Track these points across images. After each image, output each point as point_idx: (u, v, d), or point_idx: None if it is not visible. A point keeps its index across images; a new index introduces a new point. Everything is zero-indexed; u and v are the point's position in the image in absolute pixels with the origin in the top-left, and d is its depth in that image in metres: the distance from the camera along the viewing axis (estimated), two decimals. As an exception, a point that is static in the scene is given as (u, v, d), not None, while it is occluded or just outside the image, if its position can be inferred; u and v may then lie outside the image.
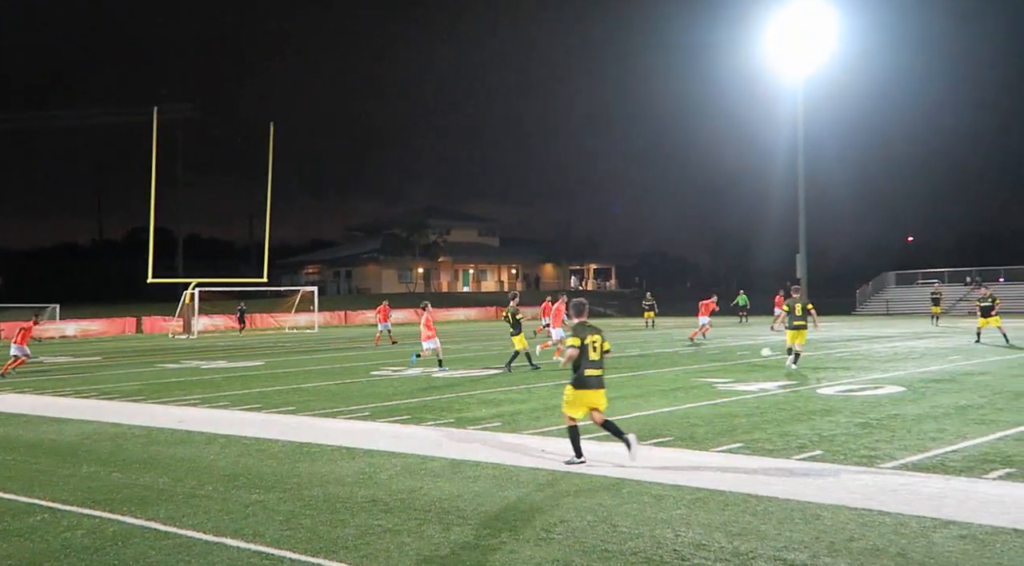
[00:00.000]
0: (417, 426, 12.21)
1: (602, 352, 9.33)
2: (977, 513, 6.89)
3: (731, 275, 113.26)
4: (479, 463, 9.38)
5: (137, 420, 13.55)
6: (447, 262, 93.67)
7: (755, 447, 9.91)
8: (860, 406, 13.03)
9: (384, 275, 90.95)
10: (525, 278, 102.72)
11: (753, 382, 16.70)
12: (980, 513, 6.88)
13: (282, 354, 30.25)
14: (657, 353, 25.84)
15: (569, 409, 9.33)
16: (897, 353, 23.39)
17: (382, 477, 8.82)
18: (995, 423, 11.20)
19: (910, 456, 9.17)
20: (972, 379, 16.40)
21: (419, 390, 16.83)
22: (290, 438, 11.40)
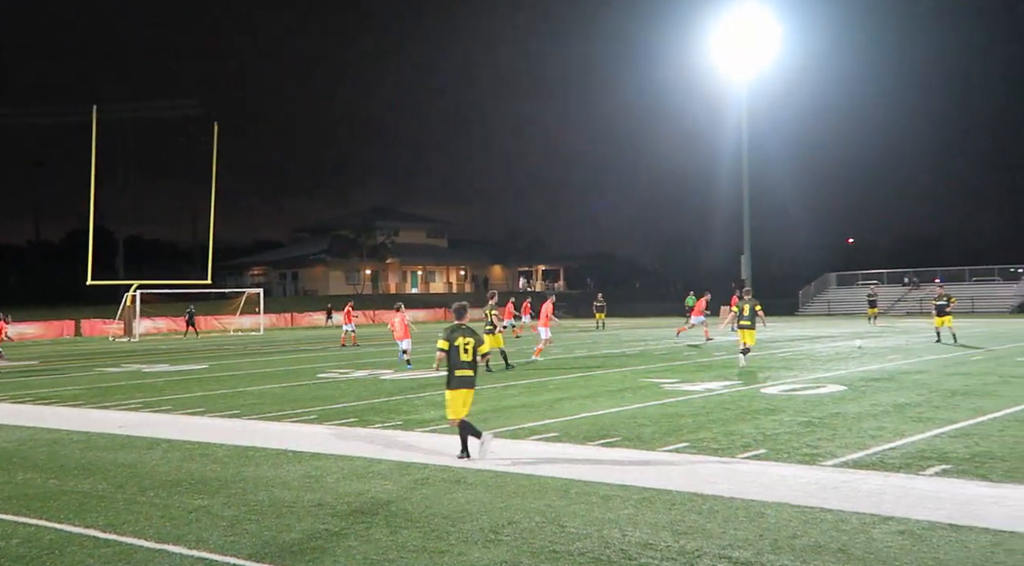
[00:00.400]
0: (364, 428, 12.11)
1: (475, 354, 9.60)
2: (914, 509, 7.06)
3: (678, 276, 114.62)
4: (427, 465, 9.34)
5: (75, 425, 13.21)
6: (395, 264, 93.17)
7: (701, 446, 10.03)
8: (803, 405, 13.27)
9: (331, 277, 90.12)
10: (474, 279, 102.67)
11: (699, 382, 16.91)
12: (917, 509, 7.06)
13: (227, 357, 29.78)
14: (605, 354, 26.02)
15: (452, 414, 9.65)
16: (838, 353, 23.89)
17: (329, 480, 8.73)
18: (931, 421, 11.50)
19: (851, 454, 9.36)
20: (910, 378, 16.81)
21: (367, 393, 16.70)
22: (235, 442, 11.22)
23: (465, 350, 9.58)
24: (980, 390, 14.60)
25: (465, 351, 9.58)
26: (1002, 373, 17.29)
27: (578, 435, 11.02)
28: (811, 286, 71.29)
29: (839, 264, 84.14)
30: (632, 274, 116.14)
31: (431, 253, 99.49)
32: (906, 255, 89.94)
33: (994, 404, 12.91)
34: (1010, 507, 7.05)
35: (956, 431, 10.65)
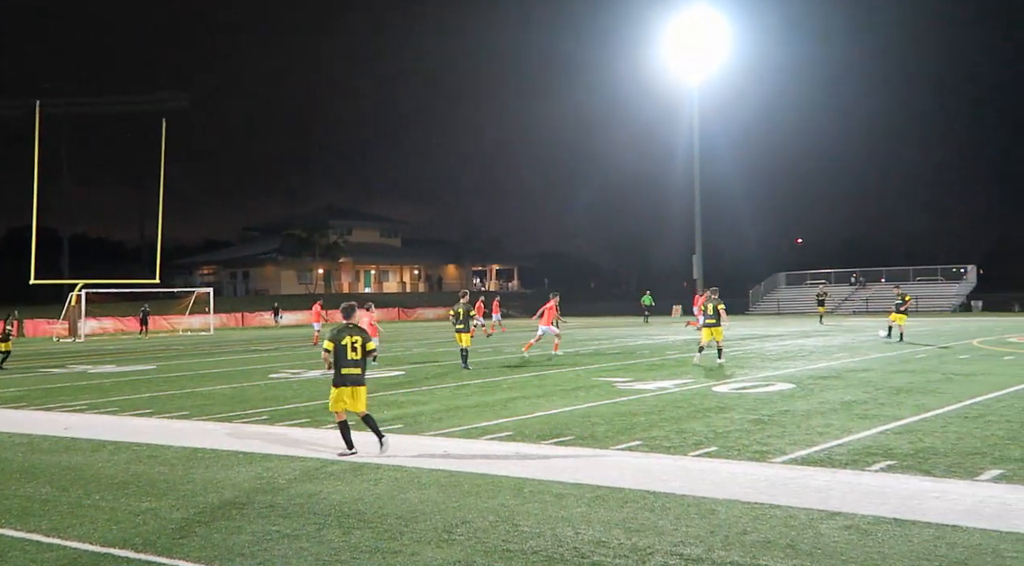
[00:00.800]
0: (317, 429, 12.00)
1: (364, 352, 9.86)
2: (860, 504, 7.20)
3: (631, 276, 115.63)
4: (380, 466, 9.29)
5: (18, 428, 12.89)
6: (348, 263, 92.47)
7: (653, 444, 10.12)
8: (753, 403, 13.46)
9: (283, 276, 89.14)
10: (428, 279, 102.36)
11: (652, 381, 17.06)
12: (863, 504, 7.20)
13: (176, 357, 29.30)
14: (559, 353, 26.09)
15: (333, 406, 9.97)
16: (787, 351, 24.27)
17: (280, 482, 8.64)
18: (877, 417, 11.75)
19: (799, 451, 9.52)
20: (856, 376, 17.15)
21: (319, 393, 16.54)
22: (184, 443, 11.05)
23: (353, 349, 9.84)
24: (924, 387, 14.95)
25: (353, 349, 9.84)
26: (945, 371, 17.72)
27: (532, 434, 11.04)
28: (761, 286, 72.41)
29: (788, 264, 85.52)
30: (587, 273, 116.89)
31: (385, 252, 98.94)
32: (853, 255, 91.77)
33: (937, 401, 13.23)
34: (951, 501, 7.23)
35: (901, 428, 10.89)
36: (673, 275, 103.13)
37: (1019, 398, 13.37)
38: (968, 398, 13.47)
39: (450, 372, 20.26)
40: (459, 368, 21.11)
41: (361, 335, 9.91)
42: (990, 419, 11.39)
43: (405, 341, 36.24)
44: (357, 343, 9.85)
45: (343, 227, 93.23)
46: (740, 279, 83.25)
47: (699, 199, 66.31)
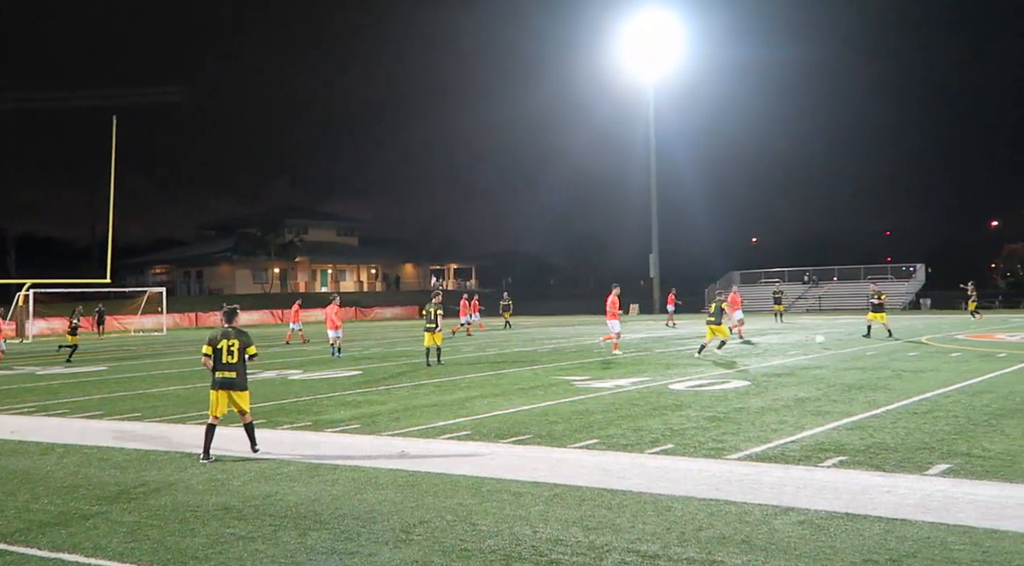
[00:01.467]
0: (272, 430, 11.88)
1: (241, 356, 9.83)
2: (814, 499, 7.32)
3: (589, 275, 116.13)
4: (337, 466, 9.22)
5: (-37, 431, 12.56)
6: (304, 262, 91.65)
7: (610, 442, 10.18)
8: (709, 401, 13.61)
9: (238, 275, 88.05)
10: (385, 278, 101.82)
11: (609, 379, 17.16)
12: (816, 499, 7.32)
13: (127, 358, 28.80)
14: (517, 352, 26.15)
15: (210, 409, 9.95)
16: (742, 349, 24.55)
17: (235, 483, 8.54)
18: (829, 414, 11.94)
19: (754, 447, 9.65)
20: (809, 373, 17.42)
21: (275, 393, 16.38)
22: (136, 446, 10.86)
23: (229, 352, 9.83)
24: (874, 384, 15.23)
25: (229, 353, 9.84)
26: (894, 368, 18.07)
27: (490, 433, 11.04)
28: (716, 284, 73.12)
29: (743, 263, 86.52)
30: (544, 272, 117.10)
31: (341, 251, 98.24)
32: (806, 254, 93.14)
33: (887, 397, 13.49)
34: (901, 495, 7.38)
35: (852, 424, 11.08)
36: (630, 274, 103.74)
37: (966, 394, 13.69)
38: (917, 394, 13.76)
39: (408, 371, 20.18)
40: (419, 367, 21.05)
41: (239, 339, 9.86)
42: (938, 415, 11.64)
43: (363, 340, 36.03)
44: (234, 346, 9.81)
45: (299, 226, 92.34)
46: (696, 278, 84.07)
47: (656, 198, 66.93)
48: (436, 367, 21.05)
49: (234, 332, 9.92)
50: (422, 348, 27.05)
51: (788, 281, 70.36)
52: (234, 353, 9.82)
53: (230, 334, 9.89)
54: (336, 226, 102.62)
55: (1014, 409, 11.97)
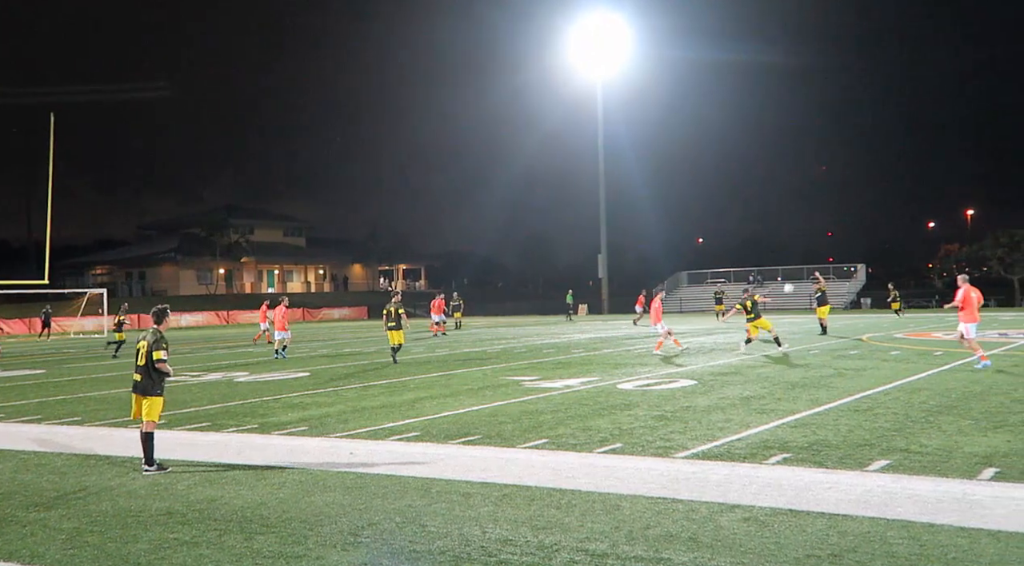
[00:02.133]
0: (218, 433, 11.71)
1: (149, 359, 9.40)
2: (758, 496, 7.44)
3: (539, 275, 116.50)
4: (284, 469, 9.12)
5: None
6: (250, 263, 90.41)
7: (560, 442, 10.23)
8: (656, 400, 13.74)
9: (182, 276, 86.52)
10: (333, 279, 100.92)
11: (558, 379, 17.23)
12: (761, 496, 7.44)
13: (67, 361, 28.10)
14: (466, 353, 26.12)
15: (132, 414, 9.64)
16: (689, 349, 24.84)
17: (179, 488, 8.39)
18: (774, 412, 12.14)
19: (701, 445, 9.77)
20: (754, 372, 17.69)
21: (220, 396, 16.14)
22: (76, 450, 10.61)
23: (140, 354, 9.51)
24: (817, 382, 15.52)
25: (139, 355, 9.51)
26: (836, 366, 18.43)
27: (439, 434, 11.02)
28: (664, 284, 73.90)
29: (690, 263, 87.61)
30: (494, 273, 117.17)
31: (288, 252, 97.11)
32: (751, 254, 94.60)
33: (829, 395, 13.76)
34: (843, 491, 7.53)
35: (796, 421, 11.29)
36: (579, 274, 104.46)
37: (904, 392, 14.03)
38: (858, 392, 14.05)
39: (357, 373, 20.03)
40: (367, 369, 20.91)
41: (148, 341, 9.48)
42: (878, 412, 11.91)
43: (310, 342, 35.66)
44: (142, 349, 9.48)
45: (244, 226, 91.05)
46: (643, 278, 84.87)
47: (604, 198, 67.39)
48: (385, 368, 20.95)
49: (150, 334, 9.57)
50: (371, 349, 26.80)
51: (734, 281, 71.33)
52: (142, 355, 9.47)
53: (146, 336, 9.59)
54: (283, 226, 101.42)
55: (950, 406, 12.30)
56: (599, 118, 66.17)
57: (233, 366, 23.42)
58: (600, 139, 66.51)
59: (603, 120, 66.28)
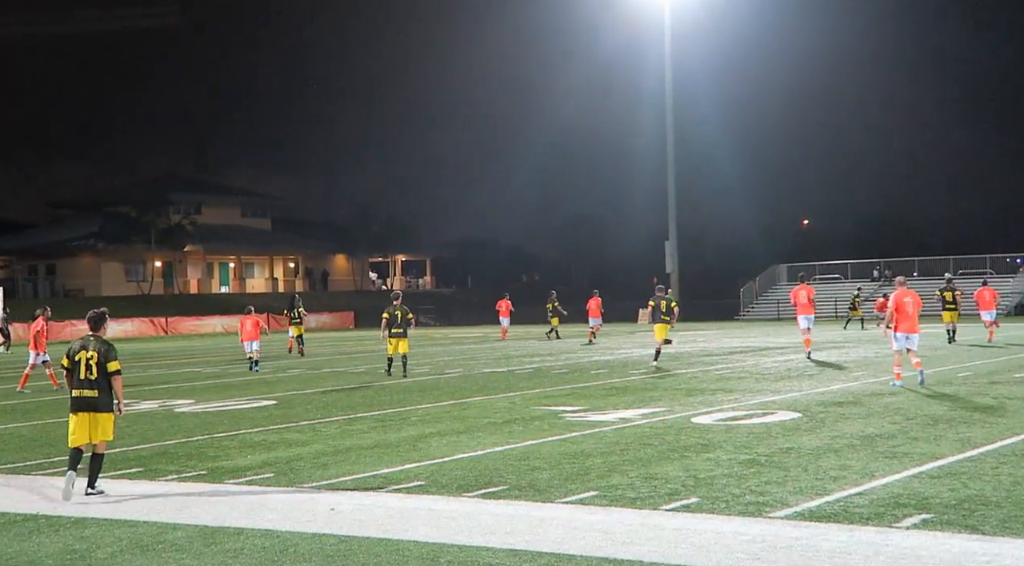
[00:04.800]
0: (152, 482, 11.78)
1: (101, 370, 10.61)
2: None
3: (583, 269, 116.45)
4: (242, 531, 9.15)
5: None
6: (197, 252, 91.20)
7: (613, 495, 10.17)
8: (745, 438, 13.64)
9: (105, 270, 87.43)
10: (308, 274, 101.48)
11: (611, 410, 17.18)
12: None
13: (-48, 384, 28.46)
14: (487, 373, 26.14)
15: (68, 438, 10.82)
16: (791, 369, 24.70)
17: (100, 556, 8.45)
18: (908, 456, 12.01)
19: (807, 502, 9.67)
20: (880, 401, 17.53)
21: (156, 431, 16.26)
22: (-38, 505, 10.72)
23: (88, 366, 10.50)
24: (968, 417, 15.34)
25: (88, 368, 10.51)
26: (996, 394, 18.23)
27: (450, 484, 11.02)
28: (755, 282, 73.69)
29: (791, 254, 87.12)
30: (523, 267, 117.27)
31: (248, 238, 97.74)
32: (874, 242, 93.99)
33: (986, 434, 13.58)
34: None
35: (939, 469, 11.15)
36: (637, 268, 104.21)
37: (1090, 428, 13.83)
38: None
39: (339, 401, 20.10)
40: (352, 393, 20.98)
41: (99, 350, 10.58)
42: (1053, 456, 11.75)
43: (276, 358, 35.86)
44: (93, 360, 10.45)
45: (189, 203, 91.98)
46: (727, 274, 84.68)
47: (673, 168, 67.24)
48: (379, 394, 21.00)
49: (94, 342, 10.55)
50: (359, 368, 26.89)
51: (851, 277, 70.95)
52: (92, 368, 10.39)
53: (89, 344, 10.52)
54: (240, 204, 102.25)
55: None
56: (666, 59, 65.96)
57: (174, 392, 23.59)
58: (668, 88, 66.30)
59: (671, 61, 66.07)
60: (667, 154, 66.94)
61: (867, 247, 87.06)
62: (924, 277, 69.21)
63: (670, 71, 65.81)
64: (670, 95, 66.19)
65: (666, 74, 65.97)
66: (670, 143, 66.62)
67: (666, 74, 65.97)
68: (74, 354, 10.67)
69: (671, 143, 66.60)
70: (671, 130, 66.43)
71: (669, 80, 65.95)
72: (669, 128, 66.42)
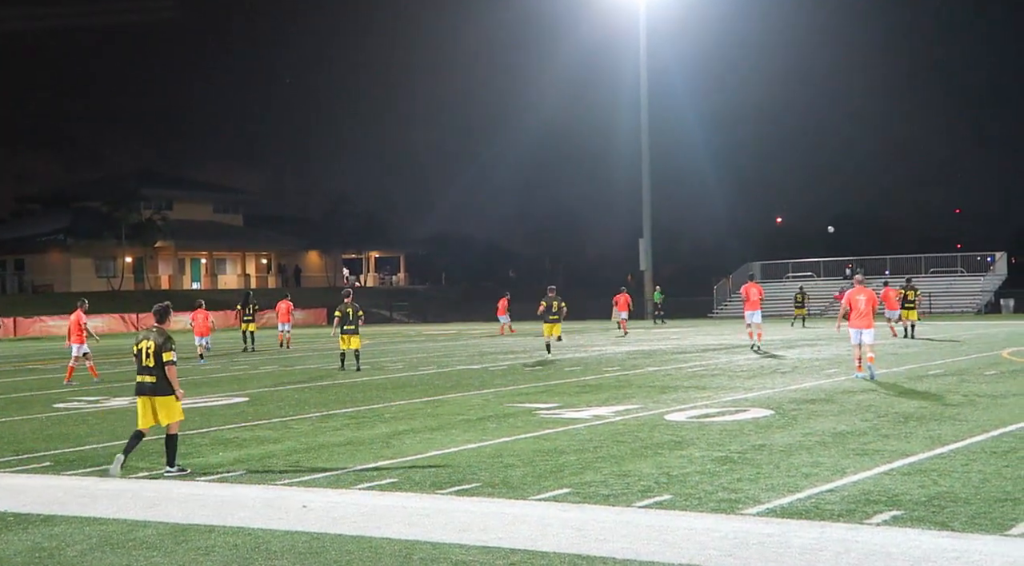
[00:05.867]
0: (123, 480, 11.74)
1: (157, 359, 11.77)
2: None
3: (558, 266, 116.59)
4: (213, 528, 9.14)
5: None
6: (168, 248, 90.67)
7: (587, 492, 10.21)
8: (718, 436, 13.71)
9: (74, 266, 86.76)
10: (281, 271, 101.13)
11: (585, 407, 17.22)
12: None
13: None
14: (461, 370, 26.15)
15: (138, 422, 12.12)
16: (763, 367, 24.81)
17: (69, 554, 8.42)
18: (880, 453, 12.10)
19: (779, 499, 9.74)
20: (852, 398, 17.65)
21: (126, 429, 16.15)
22: (-70, 502, 10.65)
23: (147, 355, 11.77)
24: (939, 414, 15.46)
25: (147, 356, 11.78)
26: (966, 391, 18.36)
27: (423, 481, 11.03)
28: (729, 279, 73.86)
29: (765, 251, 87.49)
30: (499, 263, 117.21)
31: (220, 234, 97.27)
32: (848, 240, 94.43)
33: (956, 431, 13.70)
34: (975, 563, 7.49)
35: (910, 466, 11.23)
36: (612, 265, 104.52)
37: (1059, 426, 13.97)
38: (996, 427, 13.98)
39: (311, 398, 20.06)
40: (325, 390, 20.95)
41: (156, 340, 11.78)
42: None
43: (249, 356, 35.74)
44: (151, 349, 11.73)
45: (160, 199, 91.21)
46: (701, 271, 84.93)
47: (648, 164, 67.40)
48: (351, 391, 20.98)
49: (154, 333, 11.87)
50: (332, 365, 26.88)
51: (824, 275, 71.30)
52: (150, 356, 11.68)
53: (150, 335, 11.87)
54: (213, 199, 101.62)
55: (1121, 446, 12.24)
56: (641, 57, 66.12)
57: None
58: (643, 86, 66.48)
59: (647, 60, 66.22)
60: (641, 151, 67.11)
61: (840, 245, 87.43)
62: (896, 275, 69.66)
63: (645, 70, 66.03)
64: (645, 93, 66.42)
65: (641, 73, 66.18)
66: (644, 141, 66.82)
67: (641, 73, 66.18)
68: (137, 343, 11.95)
69: (646, 141, 66.80)
70: (646, 128, 66.63)
71: (644, 78, 66.16)
72: (644, 126, 66.63)
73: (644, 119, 66.46)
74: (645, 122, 66.43)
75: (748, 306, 31.05)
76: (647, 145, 66.69)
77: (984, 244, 77.63)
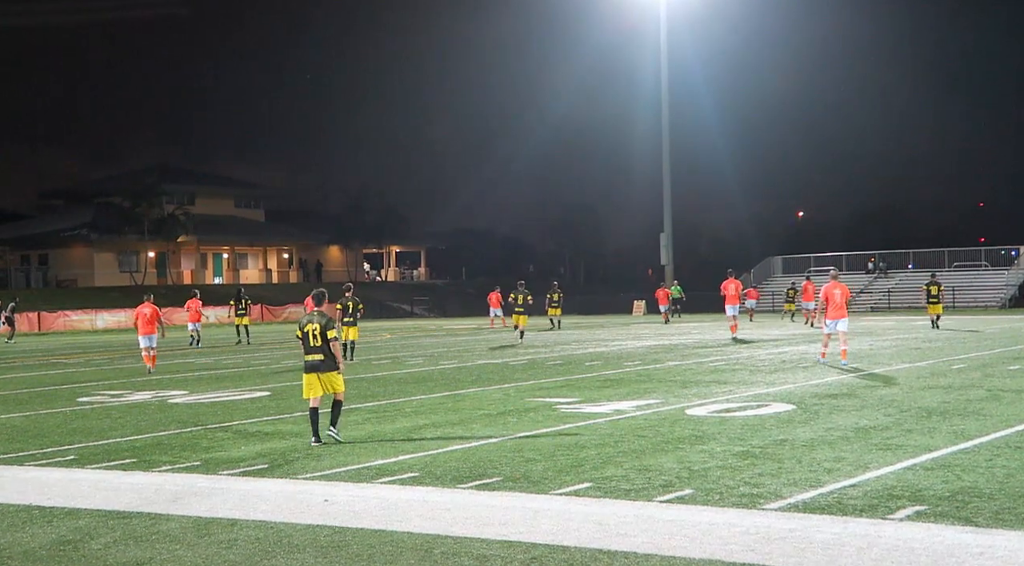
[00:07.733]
0: (147, 473, 11.80)
1: (324, 339, 13.33)
2: (881, 563, 7.37)
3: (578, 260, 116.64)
4: (236, 522, 9.17)
5: None
6: (190, 243, 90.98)
7: (608, 487, 10.20)
8: (739, 430, 13.68)
9: (97, 261, 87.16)
10: (302, 265, 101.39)
11: (605, 402, 17.21)
12: (884, 563, 7.38)
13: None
14: (481, 365, 26.16)
15: (303, 392, 13.64)
16: (785, 361, 24.73)
17: (94, 547, 8.46)
18: (902, 449, 12.05)
19: (800, 493, 9.71)
20: (875, 393, 17.58)
21: (149, 423, 16.27)
22: (-44, 495, 10.74)
23: (314, 336, 13.34)
24: (963, 408, 15.38)
25: (313, 337, 13.34)
26: (990, 386, 18.27)
27: (445, 475, 11.04)
28: (750, 274, 73.61)
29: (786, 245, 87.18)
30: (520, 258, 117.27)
31: (242, 229, 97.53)
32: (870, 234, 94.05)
33: (979, 426, 13.62)
34: (999, 559, 7.45)
35: (933, 461, 11.18)
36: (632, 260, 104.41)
37: (1083, 421, 13.88)
38: (1021, 422, 13.89)
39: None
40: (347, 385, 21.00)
41: (320, 322, 13.38)
42: (1047, 449, 11.79)
43: (271, 349, 35.86)
44: (316, 331, 13.32)
45: (182, 194, 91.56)
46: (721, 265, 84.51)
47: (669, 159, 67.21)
48: (373, 386, 21.03)
49: (317, 315, 13.52)
50: (353, 360, 26.92)
51: (846, 269, 70.93)
52: (317, 336, 13.28)
53: (314, 318, 13.48)
54: (234, 194, 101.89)
55: None
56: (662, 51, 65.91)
57: (167, 383, 23.59)
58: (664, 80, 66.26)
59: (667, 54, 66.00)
60: (662, 147, 66.95)
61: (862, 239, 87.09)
62: (919, 269, 69.36)
63: (666, 63, 65.81)
64: (666, 88, 66.20)
65: (662, 66, 65.97)
66: (665, 135, 66.63)
67: (662, 66, 65.97)
68: (303, 327, 13.50)
69: (666, 135, 66.61)
70: (667, 122, 66.43)
71: (665, 72, 65.95)
72: (665, 120, 66.43)
73: (664, 113, 66.26)
74: (665, 116, 66.23)
75: (728, 301, 35.02)
76: (667, 139, 66.47)
77: (1008, 238, 76.98)
